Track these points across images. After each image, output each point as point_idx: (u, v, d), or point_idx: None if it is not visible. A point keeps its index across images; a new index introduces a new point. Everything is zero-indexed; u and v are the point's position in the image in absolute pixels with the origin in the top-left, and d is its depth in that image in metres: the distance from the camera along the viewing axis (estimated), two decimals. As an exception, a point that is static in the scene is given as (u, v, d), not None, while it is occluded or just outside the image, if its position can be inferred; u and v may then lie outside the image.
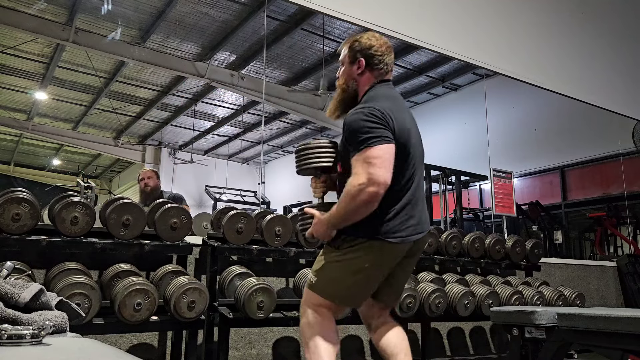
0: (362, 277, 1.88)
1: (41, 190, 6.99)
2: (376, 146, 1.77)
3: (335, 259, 1.90)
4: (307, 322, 1.92)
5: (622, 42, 5.71)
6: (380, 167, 1.74)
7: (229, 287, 2.98)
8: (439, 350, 4.08)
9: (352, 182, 1.77)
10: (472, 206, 8.63)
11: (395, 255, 1.90)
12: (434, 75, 9.72)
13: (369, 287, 1.94)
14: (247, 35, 8.06)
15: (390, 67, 2.07)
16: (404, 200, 1.89)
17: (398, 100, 2.01)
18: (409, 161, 1.90)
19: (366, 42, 2.02)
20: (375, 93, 1.98)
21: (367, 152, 1.77)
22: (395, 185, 1.83)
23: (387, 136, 1.80)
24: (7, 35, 8.18)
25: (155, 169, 4.72)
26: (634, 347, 1.94)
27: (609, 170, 7.98)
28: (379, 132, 1.79)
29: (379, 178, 1.73)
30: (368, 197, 1.74)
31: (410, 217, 1.90)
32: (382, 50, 2.03)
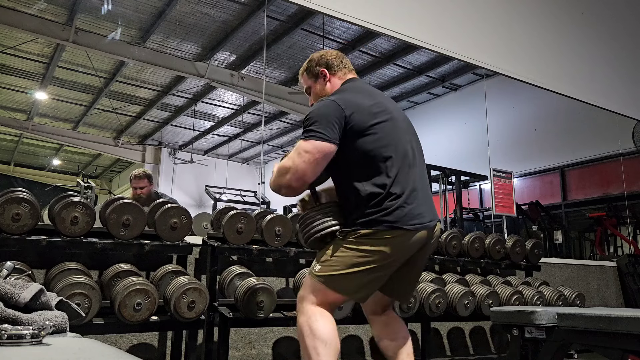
0: (372, 269, 1.82)
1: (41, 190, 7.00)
2: (310, 141, 1.83)
3: (344, 249, 1.84)
4: (307, 323, 1.83)
5: (622, 42, 5.71)
6: (304, 162, 1.81)
7: (229, 287, 2.98)
8: (439, 350, 4.08)
9: (280, 162, 1.90)
10: (472, 206, 8.63)
11: (408, 245, 1.85)
12: (434, 75, 9.73)
13: (378, 280, 1.88)
14: (247, 35, 8.06)
15: (350, 66, 2.14)
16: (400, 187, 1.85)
17: (365, 91, 2.02)
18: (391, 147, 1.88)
19: (317, 56, 2.13)
20: (344, 87, 2.05)
21: (302, 143, 1.85)
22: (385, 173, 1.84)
23: (325, 134, 1.82)
24: (7, 35, 8.18)
25: (146, 170, 4.47)
26: (634, 347, 1.94)
27: (609, 170, 7.99)
28: (319, 128, 1.83)
29: (299, 171, 1.82)
30: (285, 183, 1.85)
31: (420, 204, 1.88)
32: (335, 54, 2.13)
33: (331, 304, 1.88)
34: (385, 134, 1.89)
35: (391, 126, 1.92)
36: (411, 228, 1.83)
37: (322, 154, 1.83)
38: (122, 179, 17.14)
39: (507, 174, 5.79)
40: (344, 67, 2.11)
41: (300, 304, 1.90)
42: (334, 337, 1.82)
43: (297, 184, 1.84)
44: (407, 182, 1.88)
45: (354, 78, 2.11)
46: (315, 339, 1.79)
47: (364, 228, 1.82)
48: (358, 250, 1.82)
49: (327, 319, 1.84)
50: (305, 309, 1.87)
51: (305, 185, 1.87)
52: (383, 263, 1.83)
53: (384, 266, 1.84)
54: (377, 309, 2.08)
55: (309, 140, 1.83)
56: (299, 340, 1.87)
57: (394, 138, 1.91)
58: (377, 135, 1.88)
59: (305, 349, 1.81)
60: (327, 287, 1.83)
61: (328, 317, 1.85)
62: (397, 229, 1.81)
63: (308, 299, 1.87)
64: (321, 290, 1.85)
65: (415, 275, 2.09)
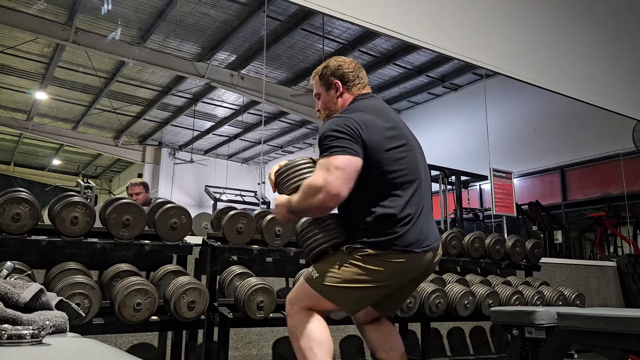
0: (372, 287, 1.80)
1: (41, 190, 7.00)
2: (338, 156, 1.74)
3: (349, 264, 1.81)
4: (298, 326, 1.82)
5: (622, 42, 5.71)
6: (337, 178, 1.71)
7: (229, 287, 2.98)
8: (439, 350, 4.08)
9: (308, 181, 1.77)
10: (472, 206, 8.63)
11: (414, 268, 1.85)
12: (434, 75, 9.73)
13: (374, 297, 1.88)
14: (247, 35, 8.06)
15: (365, 80, 2.05)
16: (413, 209, 1.83)
17: (382, 111, 1.94)
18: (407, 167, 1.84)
19: (334, 65, 2.03)
20: (356, 105, 1.96)
21: (329, 159, 1.75)
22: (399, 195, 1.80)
23: (352, 148, 1.75)
24: (7, 35, 8.18)
25: (145, 181, 4.48)
26: (634, 347, 1.94)
27: (609, 170, 7.99)
28: (345, 143, 1.75)
29: (332, 189, 1.71)
30: (318, 203, 1.73)
31: (426, 228, 1.87)
32: (353, 67, 2.03)
33: (322, 312, 1.87)
34: (401, 158, 1.85)
35: (407, 150, 1.89)
36: (420, 251, 1.82)
37: (353, 168, 1.75)
38: (122, 179, 17.14)
39: (507, 174, 5.79)
40: (359, 82, 2.02)
41: (290, 307, 1.88)
42: (329, 338, 1.81)
43: (332, 203, 1.75)
44: (418, 205, 1.86)
45: (367, 94, 2.03)
46: (310, 340, 1.78)
47: (373, 249, 1.79)
48: (362, 269, 1.79)
49: (320, 321, 1.83)
50: (296, 312, 1.85)
51: (338, 203, 1.77)
52: (384, 284, 1.83)
53: (383, 286, 1.84)
54: (367, 319, 2.09)
55: (336, 156, 1.74)
56: (292, 343, 1.84)
57: (409, 162, 1.88)
58: (394, 158, 1.83)
59: (300, 350, 1.79)
60: (322, 295, 1.82)
61: (321, 320, 1.84)
62: (408, 253, 1.79)
63: (300, 302, 1.86)
64: (315, 297, 1.83)
65: (409, 294, 2.11)
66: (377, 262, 1.78)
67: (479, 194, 9.59)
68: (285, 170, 1.97)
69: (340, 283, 1.80)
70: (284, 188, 1.95)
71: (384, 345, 2.02)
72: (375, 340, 2.06)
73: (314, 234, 1.89)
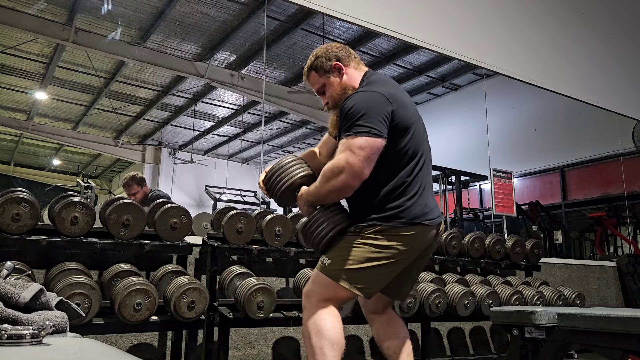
0: (385, 265, 1.80)
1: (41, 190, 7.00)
2: (363, 137, 1.73)
3: (359, 243, 1.80)
4: (313, 320, 1.79)
5: (622, 42, 5.71)
6: (361, 160, 1.72)
7: (229, 287, 2.97)
8: (439, 350, 4.08)
9: (330, 164, 1.77)
10: (472, 206, 8.63)
11: (422, 241, 1.86)
12: (434, 75, 9.73)
13: (388, 276, 1.86)
14: (247, 35, 8.06)
15: (357, 55, 2.06)
16: (418, 184, 1.87)
17: (399, 86, 2.02)
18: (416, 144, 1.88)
19: (322, 51, 2.00)
20: (376, 77, 1.96)
21: (353, 140, 1.74)
22: (406, 170, 1.84)
23: (377, 128, 1.75)
24: (7, 35, 8.18)
25: (132, 174, 4.33)
26: (634, 347, 1.94)
27: (609, 170, 7.99)
28: (370, 123, 1.74)
29: (355, 170, 1.72)
30: (340, 185, 1.74)
31: (429, 202, 1.90)
32: (338, 46, 2.02)
33: (340, 301, 1.86)
34: (416, 133, 1.90)
35: (420, 125, 1.95)
36: (428, 223, 1.85)
37: (376, 149, 1.75)
38: (122, 179, 17.13)
39: (507, 174, 5.79)
40: (353, 57, 2.02)
41: (307, 300, 1.85)
42: (341, 337, 1.79)
43: (355, 182, 1.74)
44: (423, 180, 1.90)
45: (370, 70, 2.04)
46: (322, 339, 1.75)
47: (382, 223, 1.80)
48: (373, 246, 1.79)
49: (335, 317, 1.81)
50: (312, 306, 1.82)
51: (359, 184, 1.77)
52: (397, 259, 1.82)
53: (397, 262, 1.83)
54: (377, 307, 2.08)
55: (361, 137, 1.73)
56: (304, 339, 1.82)
57: (420, 137, 1.93)
58: (413, 134, 1.87)
59: (311, 347, 1.77)
60: (338, 281, 1.79)
61: (336, 315, 1.82)
62: (416, 225, 1.82)
63: (316, 294, 1.83)
64: (331, 285, 1.80)
65: (416, 275, 2.10)
66: (387, 237, 1.80)
67: (479, 194, 9.59)
68: (273, 173, 1.97)
69: (355, 264, 1.79)
70: (276, 190, 1.95)
71: (389, 335, 2.03)
72: (380, 331, 2.06)
73: (319, 223, 1.87)
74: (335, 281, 1.79)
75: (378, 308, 2.07)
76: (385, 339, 2.03)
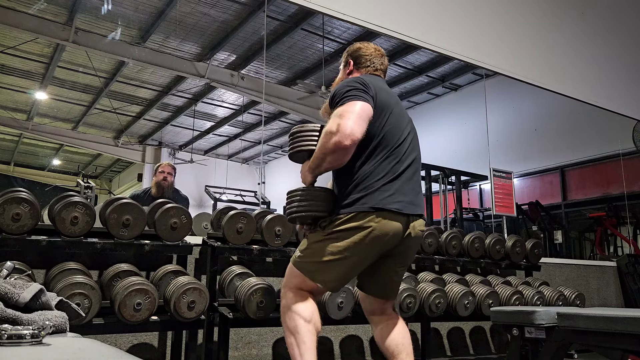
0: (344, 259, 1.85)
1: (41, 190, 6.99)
2: (350, 102, 1.84)
3: (321, 238, 1.90)
4: (286, 305, 1.90)
5: (622, 42, 5.71)
6: (349, 119, 1.80)
7: (229, 287, 2.97)
8: (439, 350, 4.08)
9: (324, 129, 1.87)
10: (472, 206, 8.63)
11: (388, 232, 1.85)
12: (434, 75, 9.72)
13: (352, 270, 1.92)
14: (247, 35, 8.06)
15: (379, 66, 2.17)
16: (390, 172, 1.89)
17: (384, 85, 2.08)
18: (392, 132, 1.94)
19: (356, 46, 2.23)
20: (362, 76, 2.09)
21: (341, 107, 1.85)
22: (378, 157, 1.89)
23: (364, 96, 1.86)
24: (7, 35, 8.19)
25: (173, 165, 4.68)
26: (634, 347, 1.94)
27: (609, 170, 7.99)
28: (356, 92, 1.87)
29: (345, 129, 1.78)
30: (333, 146, 1.80)
31: (402, 194, 1.90)
32: (370, 52, 2.18)
33: (311, 291, 1.93)
34: (393, 121, 1.95)
35: (399, 115, 2.00)
36: (394, 209, 1.85)
37: (364, 111, 1.84)
38: (122, 179, 17.14)
39: (507, 174, 5.79)
40: (370, 65, 2.16)
41: (282, 291, 1.97)
42: (314, 315, 1.87)
43: (348, 142, 1.78)
44: (396, 171, 1.91)
45: (375, 75, 2.14)
46: (294, 317, 1.84)
47: (346, 211, 1.85)
48: (333, 240, 1.86)
49: (307, 300, 1.89)
50: (286, 294, 1.93)
51: (354, 144, 1.81)
52: (358, 253, 1.85)
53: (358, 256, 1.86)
54: (374, 309, 2.10)
55: (348, 102, 1.85)
56: (282, 324, 1.91)
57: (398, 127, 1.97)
58: (388, 119, 1.93)
59: (287, 329, 1.86)
60: (303, 273, 1.90)
61: (308, 299, 1.90)
62: (380, 211, 1.83)
63: (289, 284, 1.95)
64: (299, 276, 1.92)
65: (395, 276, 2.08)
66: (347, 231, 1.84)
67: (479, 194, 9.59)
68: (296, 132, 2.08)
69: (315, 259, 1.88)
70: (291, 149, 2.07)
71: (388, 336, 2.04)
72: (380, 331, 2.07)
73: (301, 199, 1.95)
74: (301, 272, 1.91)
75: (375, 309, 2.10)
76: (384, 340, 2.04)
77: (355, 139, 1.80)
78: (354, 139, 1.79)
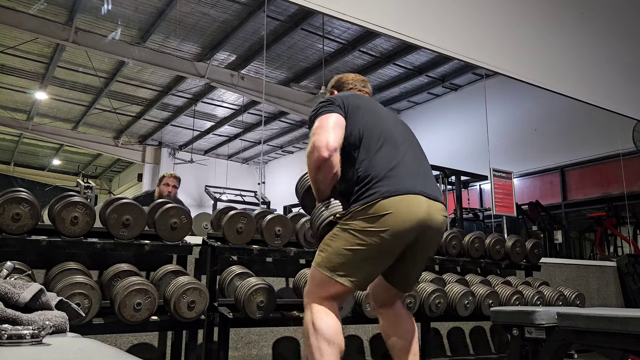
0: (366, 250, 1.80)
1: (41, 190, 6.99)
2: (318, 118, 1.96)
3: (337, 232, 1.87)
4: (310, 321, 1.81)
5: (622, 42, 5.71)
6: (320, 134, 1.89)
7: (229, 287, 2.97)
8: (439, 350, 4.08)
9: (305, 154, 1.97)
10: (472, 206, 8.63)
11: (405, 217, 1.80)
12: (434, 75, 9.72)
13: (375, 264, 1.87)
14: (247, 35, 8.06)
15: (360, 87, 2.29)
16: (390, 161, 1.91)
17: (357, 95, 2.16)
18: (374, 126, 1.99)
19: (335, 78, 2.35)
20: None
21: (313, 126, 1.95)
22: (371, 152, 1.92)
23: (329, 108, 1.96)
24: (7, 35, 8.18)
25: (178, 176, 4.69)
26: (634, 347, 1.94)
27: (609, 170, 7.98)
28: (322, 110, 1.97)
29: (319, 143, 1.87)
30: (316, 161, 1.87)
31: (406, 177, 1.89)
32: (352, 78, 2.30)
33: (336, 297, 1.87)
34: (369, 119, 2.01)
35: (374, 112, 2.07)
36: (405, 192, 1.82)
37: (333, 121, 1.93)
38: (122, 179, 17.15)
39: (507, 174, 5.79)
40: (353, 87, 2.27)
41: (306, 300, 1.90)
42: (338, 336, 1.81)
43: (326, 154, 1.85)
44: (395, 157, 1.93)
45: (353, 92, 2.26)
46: (319, 338, 1.77)
47: (356, 205, 1.85)
48: (350, 232, 1.83)
49: (331, 317, 1.83)
50: (310, 305, 1.87)
51: (334, 152, 1.87)
52: (379, 246, 1.81)
53: (379, 249, 1.82)
54: (385, 300, 2.07)
55: (320, 116, 1.96)
56: (304, 338, 1.86)
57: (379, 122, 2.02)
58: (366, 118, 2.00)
59: (310, 347, 1.80)
60: (325, 274, 1.84)
61: (333, 315, 1.84)
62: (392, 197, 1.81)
63: (312, 293, 1.89)
64: (323, 281, 1.85)
65: (420, 264, 2.06)
66: (361, 221, 1.82)
67: (479, 194, 9.59)
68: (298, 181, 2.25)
69: (336, 254, 1.84)
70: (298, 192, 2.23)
71: (395, 333, 2.03)
72: (387, 326, 2.06)
73: (319, 213, 1.99)
74: (325, 275, 1.84)
75: (386, 301, 2.07)
76: (390, 336, 2.03)
77: (332, 147, 1.86)
78: (330, 148, 1.86)
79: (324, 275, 1.85)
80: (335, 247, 1.85)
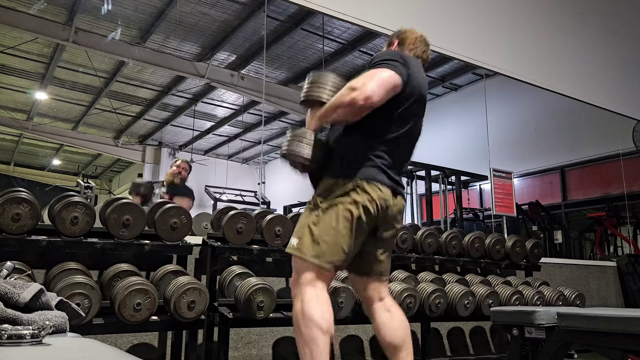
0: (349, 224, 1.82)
1: (41, 190, 7.00)
2: (383, 68, 1.86)
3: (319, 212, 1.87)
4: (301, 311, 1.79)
5: (622, 42, 5.71)
6: (374, 82, 1.81)
7: (229, 287, 2.97)
8: (439, 350, 4.08)
9: (348, 83, 1.87)
10: (472, 206, 8.63)
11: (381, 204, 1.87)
12: (434, 75, 9.72)
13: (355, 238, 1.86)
14: (247, 35, 8.06)
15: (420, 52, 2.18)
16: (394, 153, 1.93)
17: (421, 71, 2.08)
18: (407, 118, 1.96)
19: (402, 29, 2.24)
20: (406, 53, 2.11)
21: (373, 69, 1.87)
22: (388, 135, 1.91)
23: (399, 68, 1.87)
24: (7, 35, 8.18)
25: (190, 164, 4.96)
26: (634, 347, 1.94)
27: (609, 170, 7.98)
28: (393, 63, 1.88)
29: (366, 89, 1.80)
30: (349, 100, 1.81)
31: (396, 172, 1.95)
32: (416, 37, 2.20)
33: (321, 279, 1.85)
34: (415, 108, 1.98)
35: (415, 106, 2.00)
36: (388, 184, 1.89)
37: (393, 84, 1.86)
38: (122, 179, 17.14)
39: (507, 174, 5.79)
40: (413, 48, 2.16)
41: (293, 289, 1.88)
42: (329, 321, 1.79)
43: (362, 102, 1.80)
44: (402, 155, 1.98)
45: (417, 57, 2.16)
46: (312, 328, 1.75)
47: (344, 180, 1.86)
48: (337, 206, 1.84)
49: (321, 302, 1.81)
50: (299, 293, 1.84)
51: (369, 108, 1.82)
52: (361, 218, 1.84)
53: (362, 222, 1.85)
54: (369, 294, 2.05)
55: (382, 68, 1.86)
56: (294, 327, 1.81)
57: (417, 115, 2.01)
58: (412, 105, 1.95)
59: (302, 336, 1.77)
60: (305, 258, 1.84)
61: (323, 299, 1.82)
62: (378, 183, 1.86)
63: (298, 280, 1.87)
64: (302, 267, 1.86)
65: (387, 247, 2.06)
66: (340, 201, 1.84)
67: (479, 194, 9.58)
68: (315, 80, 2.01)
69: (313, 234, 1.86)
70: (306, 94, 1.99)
71: (389, 333, 2.01)
72: (381, 326, 2.04)
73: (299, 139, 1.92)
74: (304, 259, 1.84)
75: (372, 294, 2.04)
76: (385, 336, 2.02)
77: (372, 101, 1.81)
78: (370, 101, 1.80)
79: (305, 260, 1.85)
80: (320, 230, 1.84)
